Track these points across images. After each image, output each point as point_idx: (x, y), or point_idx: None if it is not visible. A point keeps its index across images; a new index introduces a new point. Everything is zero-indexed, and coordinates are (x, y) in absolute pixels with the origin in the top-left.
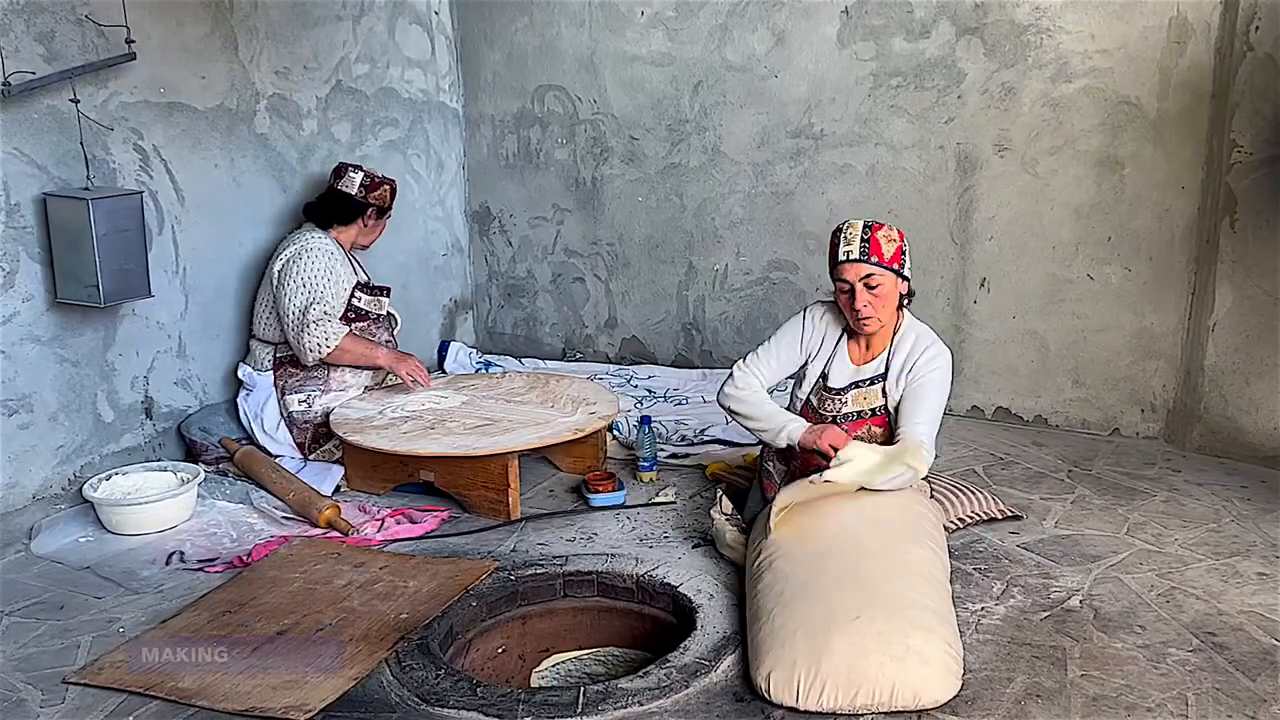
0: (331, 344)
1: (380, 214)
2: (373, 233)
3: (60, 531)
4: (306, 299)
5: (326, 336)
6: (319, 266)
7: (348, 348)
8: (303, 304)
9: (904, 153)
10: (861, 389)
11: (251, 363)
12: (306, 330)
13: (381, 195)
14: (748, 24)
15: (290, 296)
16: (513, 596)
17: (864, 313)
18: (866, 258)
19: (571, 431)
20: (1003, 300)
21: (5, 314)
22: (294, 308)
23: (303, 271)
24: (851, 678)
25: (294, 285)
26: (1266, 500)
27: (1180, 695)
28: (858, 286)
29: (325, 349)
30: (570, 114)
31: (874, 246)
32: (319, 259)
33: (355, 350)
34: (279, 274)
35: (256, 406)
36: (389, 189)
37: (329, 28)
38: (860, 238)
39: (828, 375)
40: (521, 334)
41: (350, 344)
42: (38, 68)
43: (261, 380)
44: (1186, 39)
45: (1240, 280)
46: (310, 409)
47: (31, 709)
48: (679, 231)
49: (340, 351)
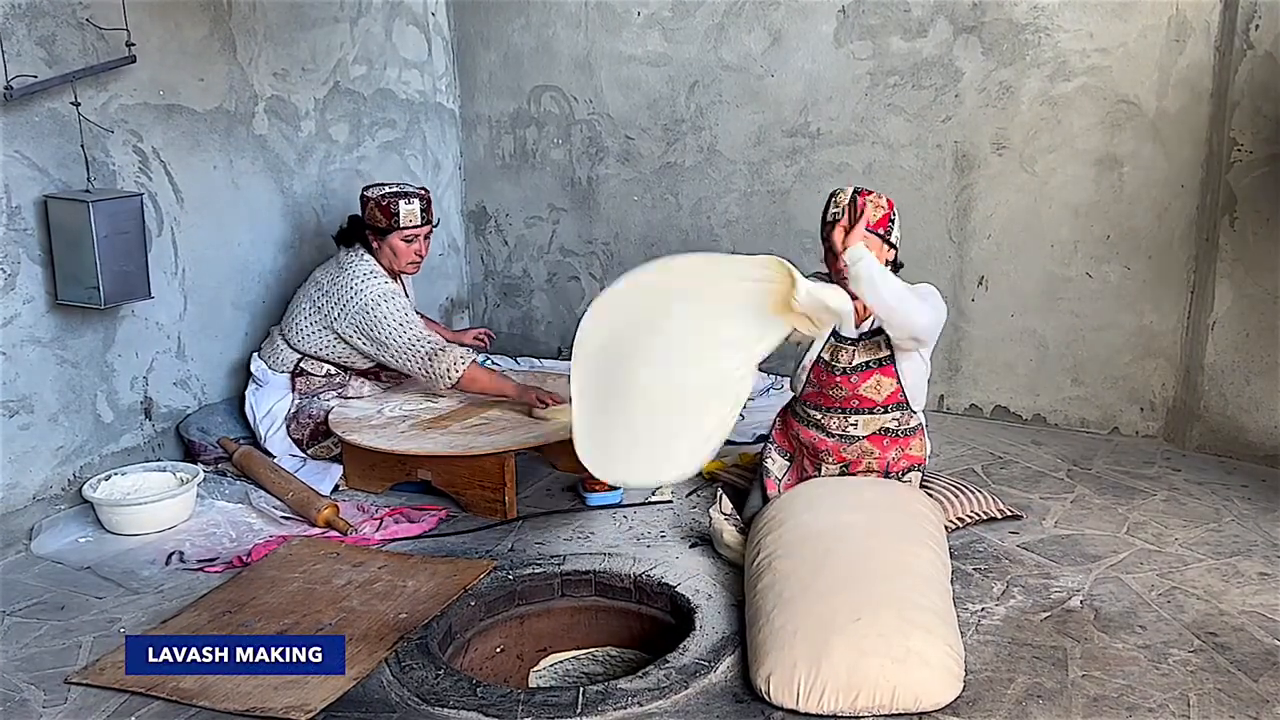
0: (460, 369)
1: (381, 234)
2: (404, 255)
3: (60, 532)
4: (414, 335)
5: (454, 363)
6: (400, 305)
7: (476, 375)
8: (413, 340)
9: (901, 151)
10: (867, 340)
11: (267, 359)
12: (435, 360)
13: (373, 215)
14: (744, 24)
15: (400, 338)
16: (511, 596)
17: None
18: (853, 219)
19: (568, 430)
20: (1001, 299)
21: (6, 316)
22: (411, 347)
23: (396, 312)
24: (852, 680)
25: (394, 326)
26: (1267, 499)
27: (1182, 696)
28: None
29: (455, 374)
30: (566, 114)
31: (862, 210)
32: (397, 299)
33: (484, 379)
34: (363, 319)
35: (266, 404)
36: (376, 206)
37: (326, 29)
38: (850, 202)
39: (839, 328)
40: (517, 333)
41: (478, 372)
42: (39, 71)
43: (275, 379)
44: (1186, 37)
45: (1240, 278)
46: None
47: (34, 709)
48: (674, 231)
49: (470, 379)
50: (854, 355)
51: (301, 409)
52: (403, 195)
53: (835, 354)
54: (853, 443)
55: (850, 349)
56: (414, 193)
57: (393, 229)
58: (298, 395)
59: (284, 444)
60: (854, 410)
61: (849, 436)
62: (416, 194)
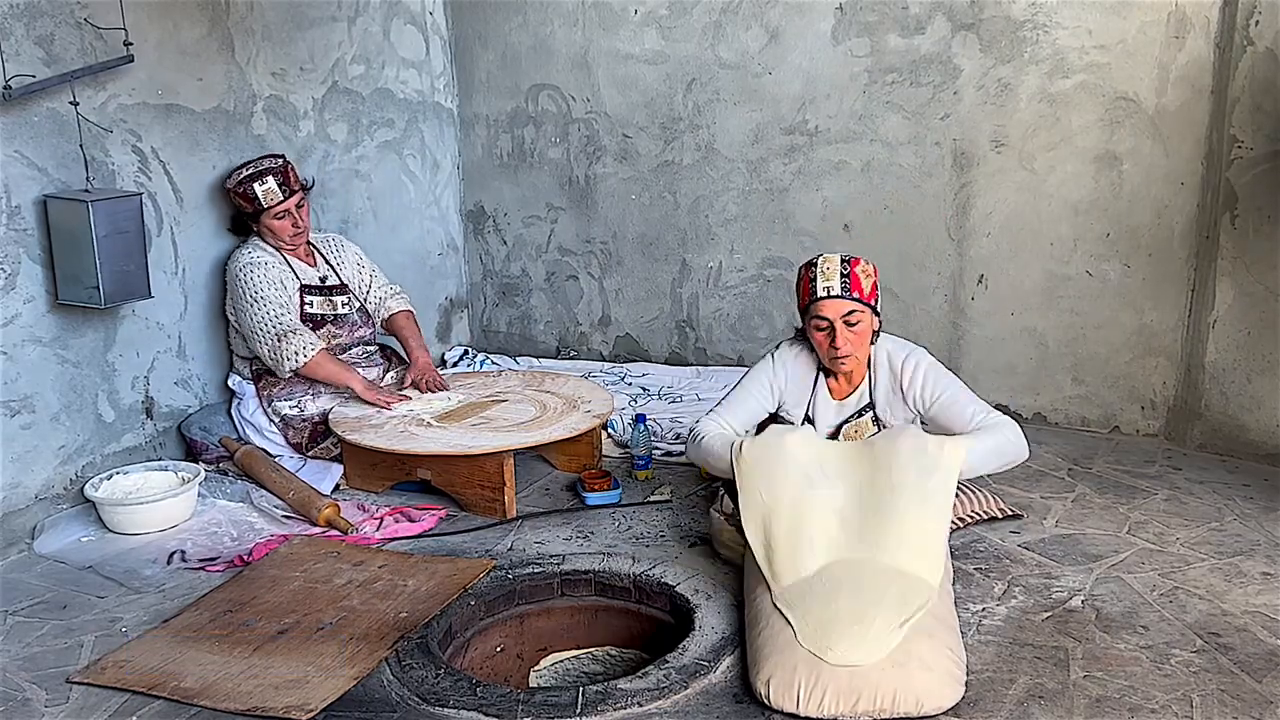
0: (308, 354)
1: (254, 219)
2: (281, 233)
3: (62, 531)
4: (265, 313)
5: (300, 349)
6: (259, 278)
7: (322, 363)
8: (263, 319)
9: (899, 149)
10: (852, 423)
11: (238, 371)
12: (281, 343)
13: (237, 204)
14: (741, 21)
15: (250, 315)
16: (510, 595)
17: (842, 351)
18: (848, 293)
19: (566, 430)
20: (1001, 297)
21: (7, 316)
22: (259, 325)
23: (250, 287)
24: (853, 684)
25: (247, 303)
26: (1269, 499)
27: (1184, 697)
28: (838, 324)
29: (301, 359)
30: (564, 113)
31: (854, 282)
32: (257, 271)
33: (329, 369)
34: (231, 294)
35: (247, 414)
36: (235, 195)
37: (325, 29)
38: (840, 273)
39: (813, 419)
40: (516, 332)
41: (324, 360)
42: (37, 71)
43: (249, 389)
44: (1185, 33)
45: (1241, 276)
46: (304, 412)
47: (36, 708)
48: (673, 229)
49: (314, 366)
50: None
51: (291, 418)
52: (256, 176)
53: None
54: None
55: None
56: (268, 169)
57: (260, 211)
58: (264, 399)
59: (279, 447)
60: None
61: None
62: (270, 170)
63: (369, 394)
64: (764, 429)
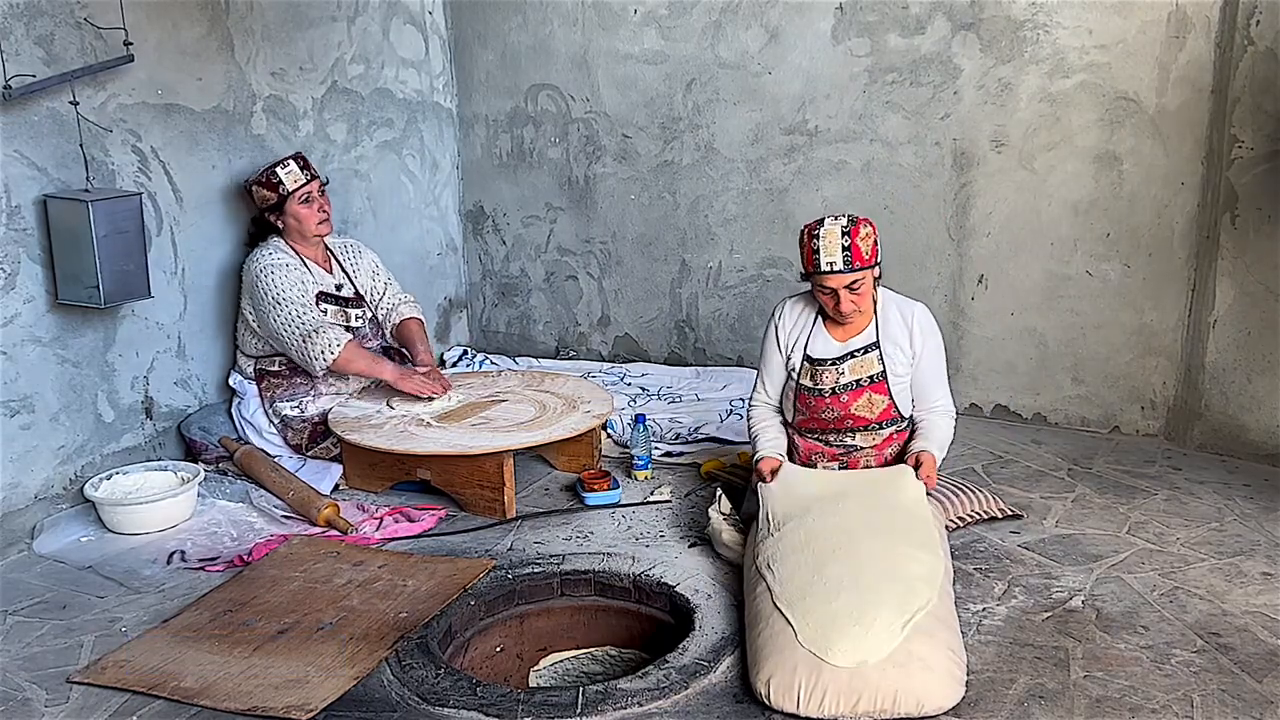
0: (336, 349)
1: (279, 210)
2: (306, 221)
3: (62, 531)
4: (289, 314)
5: (329, 344)
6: (279, 280)
7: (353, 357)
8: (288, 320)
9: (899, 149)
10: (858, 358)
11: (240, 370)
12: (308, 342)
13: (262, 197)
14: (741, 21)
15: (274, 318)
16: (510, 595)
17: (847, 312)
18: (850, 266)
19: (566, 430)
20: (1001, 297)
21: (6, 315)
22: (283, 327)
23: (272, 289)
24: (853, 684)
25: (269, 306)
26: (1269, 499)
27: (1185, 697)
28: (842, 292)
29: (331, 354)
30: (563, 113)
31: (855, 253)
32: (277, 273)
33: (361, 362)
34: (250, 297)
35: (247, 414)
36: (259, 185)
37: (324, 29)
38: (841, 247)
39: (812, 351)
40: (515, 332)
41: (355, 354)
42: (37, 71)
43: (250, 389)
44: (1186, 33)
45: (1241, 276)
46: (305, 413)
47: (36, 708)
48: (672, 229)
49: (346, 360)
50: (840, 375)
51: (291, 419)
52: (278, 163)
53: (816, 377)
54: (854, 451)
55: (834, 369)
56: (286, 158)
57: (285, 197)
58: (265, 400)
59: (278, 448)
60: (849, 430)
61: (849, 446)
62: (288, 158)
63: (404, 383)
64: None
